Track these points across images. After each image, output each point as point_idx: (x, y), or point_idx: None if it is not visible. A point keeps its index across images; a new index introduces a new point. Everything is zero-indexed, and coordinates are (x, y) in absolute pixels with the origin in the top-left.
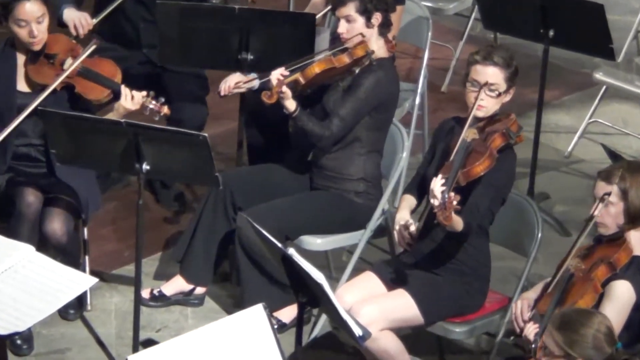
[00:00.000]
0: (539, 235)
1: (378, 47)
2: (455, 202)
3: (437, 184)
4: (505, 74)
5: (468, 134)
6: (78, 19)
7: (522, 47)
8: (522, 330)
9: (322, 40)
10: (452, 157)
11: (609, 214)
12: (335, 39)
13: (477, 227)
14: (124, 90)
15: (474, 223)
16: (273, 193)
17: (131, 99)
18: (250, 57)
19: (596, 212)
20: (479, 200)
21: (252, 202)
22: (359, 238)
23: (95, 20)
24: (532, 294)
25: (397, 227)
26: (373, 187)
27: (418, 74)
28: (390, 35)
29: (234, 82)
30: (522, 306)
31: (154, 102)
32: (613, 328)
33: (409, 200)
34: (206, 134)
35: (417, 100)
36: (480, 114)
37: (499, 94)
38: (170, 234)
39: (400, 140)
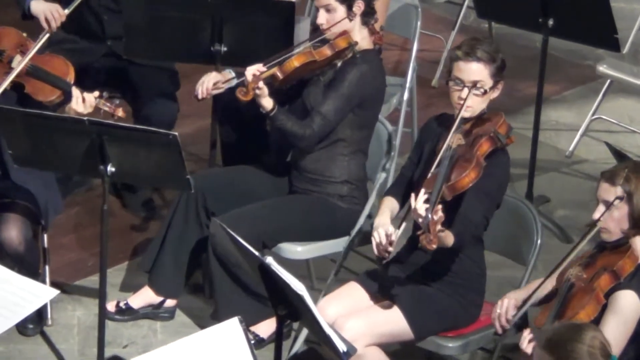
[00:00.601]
0: (539, 241)
1: (362, 38)
2: (439, 226)
3: (420, 201)
4: (491, 70)
5: (453, 139)
6: (49, 11)
7: (519, 37)
8: (504, 330)
9: (302, 29)
10: (434, 168)
11: (612, 219)
12: (316, 29)
13: (472, 235)
14: (75, 92)
15: (467, 236)
16: (249, 197)
17: (82, 102)
18: (223, 48)
19: (600, 217)
20: (471, 210)
21: (227, 207)
22: (342, 245)
23: (67, 11)
24: (521, 293)
25: (375, 234)
26: (358, 190)
27: (406, 67)
28: (376, 26)
29: (212, 83)
30: (507, 305)
31: (107, 104)
32: (607, 341)
33: (391, 204)
34: (176, 133)
35: (406, 96)
36: (466, 114)
37: (485, 92)
38: (138, 241)
39: (387, 140)
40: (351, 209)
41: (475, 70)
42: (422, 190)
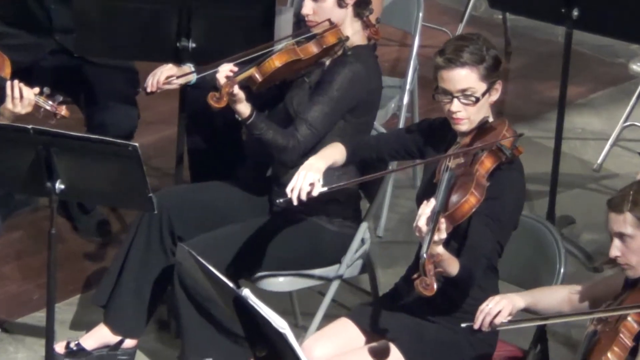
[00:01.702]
0: (562, 270)
1: (354, 32)
2: (438, 268)
3: (423, 220)
4: (480, 73)
5: (450, 159)
6: None
7: (539, 31)
8: (481, 326)
9: (284, 22)
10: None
11: (629, 251)
12: (300, 22)
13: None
14: (11, 87)
15: (477, 270)
16: (222, 219)
17: (20, 100)
18: (192, 45)
19: (614, 253)
20: (479, 239)
21: (196, 231)
22: (332, 275)
23: None
24: (523, 300)
25: (296, 175)
26: (350, 210)
27: (406, 66)
28: (371, 18)
29: (164, 76)
30: (502, 307)
31: (50, 101)
32: None
33: (339, 154)
34: (137, 144)
35: (405, 100)
36: (463, 127)
37: (477, 99)
38: (91, 271)
39: None
40: (342, 233)
41: (462, 78)
42: (427, 210)
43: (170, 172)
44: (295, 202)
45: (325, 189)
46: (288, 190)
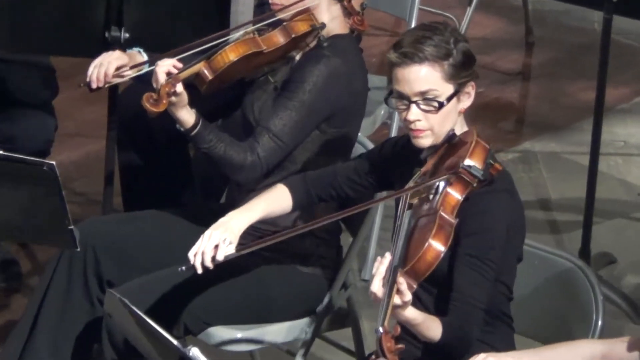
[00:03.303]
0: (599, 323)
1: (332, 19)
2: (398, 345)
3: (377, 283)
4: (444, 71)
5: (408, 193)
6: None
7: (569, 16)
8: None
9: (242, 5)
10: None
11: None
12: (264, 7)
13: (487, 316)
14: None
15: (472, 326)
16: (163, 258)
17: None
18: (124, 35)
19: None
20: (468, 285)
21: (130, 273)
22: (304, 330)
23: None
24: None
25: (207, 233)
26: (327, 247)
27: None
28: (355, 3)
29: (113, 67)
30: None
31: None
32: None
33: (279, 200)
34: (53, 162)
35: None
36: (425, 141)
37: (440, 105)
38: None
39: None
40: (317, 275)
41: (420, 77)
42: (379, 273)
43: (97, 197)
44: (199, 270)
45: (232, 251)
46: (190, 255)
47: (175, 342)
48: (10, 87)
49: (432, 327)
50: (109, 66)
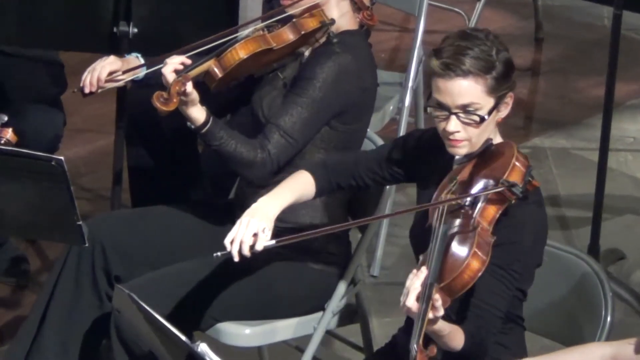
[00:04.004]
0: (608, 319)
1: (341, 14)
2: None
3: (412, 299)
4: (487, 85)
5: (444, 206)
6: None
7: (580, 12)
8: None
9: (252, 2)
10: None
11: None
12: (273, 2)
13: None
14: None
15: (489, 335)
16: (172, 254)
17: None
18: (133, 30)
19: None
20: (492, 296)
21: (138, 269)
22: (313, 326)
23: None
24: None
25: (244, 220)
26: (336, 244)
27: (408, 58)
28: None
29: (106, 71)
30: None
31: None
32: None
33: (303, 186)
34: (62, 158)
35: (407, 100)
36: (461, 151)
37: (482, 119)
38: (4, 322)
39: None
40: (327, 272)
41: (463, 90)
42: (417, 286)
43: (106, 193)
44: (236, 258)
45: (272, 242)
46: (227, 241)
47: (183, 338)
48: (18, 82)
49: (457, 337)
50: (101, 71)
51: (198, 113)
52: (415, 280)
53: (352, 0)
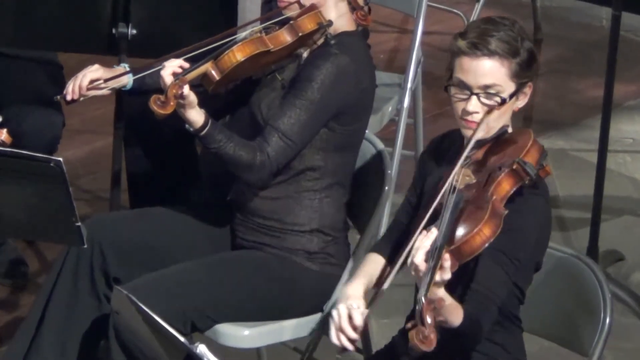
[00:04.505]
0: (607, 321)
1: (339, 16)
2: (439, 316)
3: (421, 256)
4: (511, 68)
5: (458, 176)
6: None
7: (577, 13)
8: None
9: (250, 3)
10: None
11: None
12: (271, 3)
13: (498, 315)
14: None
15: (486, 320)
16: (170, 255)
17: None
18: (131, 32)
19: None
20: (492, 281)
21: (137, 271)
22: (311, 327)
23: None
24: None
25: (334, 311)
26: (335, 244)
27: (407, 59)
28: None
29: (87, 80)
30: None
31: None
32: None
33: (374, 266)
34: (61, 159)
35: (406, 102)
36: (478, 134)
37: (503, 101)
38: (3, 323)
39: (379, 168)
40: (325, 273)
41: (488, 70)
42: (425, 240)
43: (105, 195)
44: (350, 348)
45: (366, 310)
46: (334, 339)
47: (182, 339)
48: (17, 83)
49: (457, 312)
50: (83, 79)
51: (196, 116)
52: (425, 240)
53: (348, 1)
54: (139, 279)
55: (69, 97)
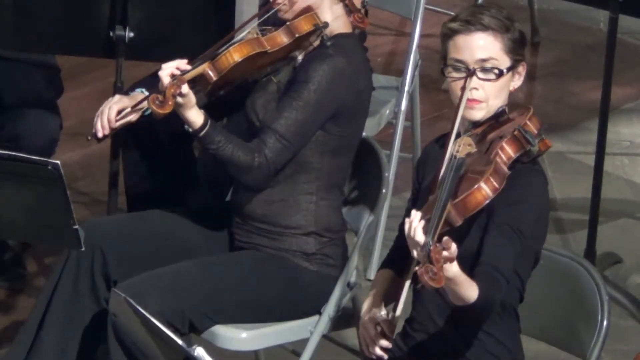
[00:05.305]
0: (605, 323)
1: (335, 18)
2: (446, 252)
3: (416, 223)
4: (504, 42)
5: (459, 145)
6: None
7: (575, 16)
8: None
9: (247, 5)
10: (436, 189)
11: None
12: (266, 4)
13: (501, 303)
14: None
15: (497, 295)
16: (169, 257)
17: None
18: (129, 34)
19: None
20: (499, 252)
21: (135, 271)
22: (309, 330)
23: None
24: None
25: (362, 329)
26: (332, 246)
27: (404, 62)
28: (356, 0)
29: (114, 111)
30: None
31: None
32: None
33: (386, 283)
34: (58, 162)
35: (403, 105)
36: (479, 114)
37: (501, 73)
38: (3, 326)
39: (377, 170)
40: (322, 274)
41: (482, 44)
42: (418, 214)
43: (102, 197)
44: (381, 353)
45: (396, 314)
46: (366, 352)
47: (180, 341)
48: (15, 86)
49: (471, 288)
50: (110, 112)
51: (196, 116)
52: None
53: (344, 3)
54: (136, 277)
55: (100, 134)
